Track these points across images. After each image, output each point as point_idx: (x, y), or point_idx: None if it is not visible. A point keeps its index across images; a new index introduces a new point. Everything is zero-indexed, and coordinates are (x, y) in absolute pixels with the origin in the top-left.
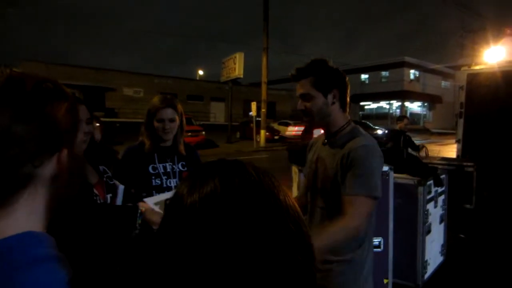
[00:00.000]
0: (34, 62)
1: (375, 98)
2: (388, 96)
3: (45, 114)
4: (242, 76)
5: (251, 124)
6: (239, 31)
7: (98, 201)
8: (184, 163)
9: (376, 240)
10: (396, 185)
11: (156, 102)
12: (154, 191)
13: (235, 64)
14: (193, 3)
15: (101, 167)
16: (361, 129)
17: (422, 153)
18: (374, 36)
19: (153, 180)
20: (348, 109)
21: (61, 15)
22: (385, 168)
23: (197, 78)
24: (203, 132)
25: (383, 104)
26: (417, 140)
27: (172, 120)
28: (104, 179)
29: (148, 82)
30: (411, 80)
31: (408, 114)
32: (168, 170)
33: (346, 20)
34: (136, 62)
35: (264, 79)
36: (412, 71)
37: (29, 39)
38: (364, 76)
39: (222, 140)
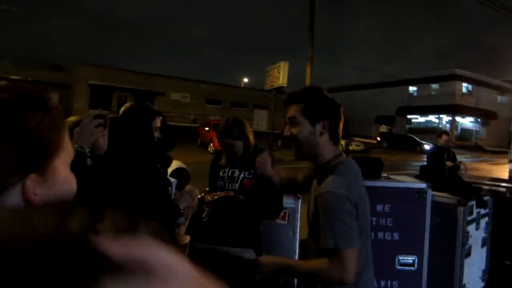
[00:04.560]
0: (88, 66)
1: (423, 111)
2: (437, 109)
3: (18, 128)
4: (285, 85)
5: None
6: (284, 40)
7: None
8: (252, 171)
9: (410, 258)
10: (435, 203)
11: (220, 127)
12: (218, 191)
13: (279, 73)
14: (242, 14)
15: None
16: (343, 166)
17: (461, 171)
18: (423, 47)
19: (218, 182)
20: (339, 142)
21: (117, 23)
22: (423, 185)
23: (242, 86)
24: None
25: (432, 118)
26: (466, 158)
27: (231, 146)
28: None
29: (195, 87)
30: (463, 94)
31: (459, 130)
32: (235, 175)
33: (392, 30)
34: (184, 68)
35: None
36: (464, 84)
37: (87, 44)
38: (412, 89)
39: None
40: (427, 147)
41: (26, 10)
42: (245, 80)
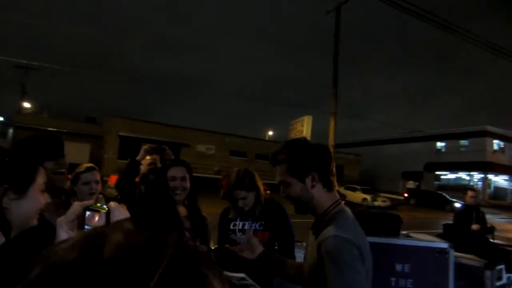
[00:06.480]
0: (119, 118)
1: (453, 168)
2: (467, 166)
3: None
4: (309, 139)
5: None
6: (310, 94)
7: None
8: (262, 222)
9: None
10: (458, 265)
11: (232, 179)
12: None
13: (302, 126)
14: (268, 68)
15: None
16: (343, 214)
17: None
18: (452, 102)
19: (230, 235)
20: (335, 187)
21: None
22: (444, 244)
23: (266, 138)
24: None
25: (463, 175)
26: (500, 219)
27: (243, 198)
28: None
29: (220, 140)
30: (495, 151)
31: (492, 188)
32: (246, 228)
33: (418, 86)
34: (209, 120)
35: (331, 142)
36: (496, 141)
37: (120, 96)
38: (440, 144)
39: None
40: (458, 205)
41: (70, 67)
42: (270, 133)
